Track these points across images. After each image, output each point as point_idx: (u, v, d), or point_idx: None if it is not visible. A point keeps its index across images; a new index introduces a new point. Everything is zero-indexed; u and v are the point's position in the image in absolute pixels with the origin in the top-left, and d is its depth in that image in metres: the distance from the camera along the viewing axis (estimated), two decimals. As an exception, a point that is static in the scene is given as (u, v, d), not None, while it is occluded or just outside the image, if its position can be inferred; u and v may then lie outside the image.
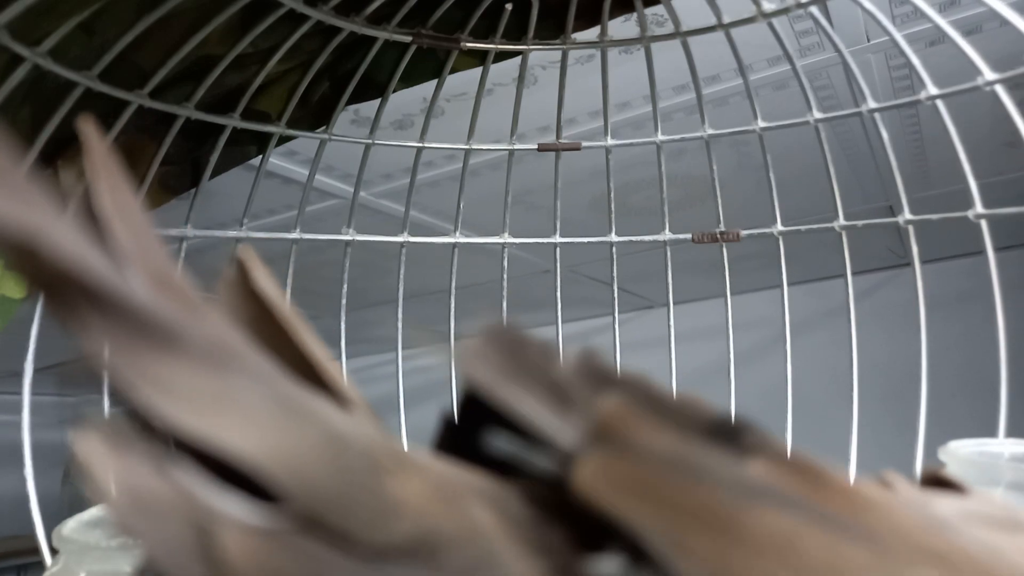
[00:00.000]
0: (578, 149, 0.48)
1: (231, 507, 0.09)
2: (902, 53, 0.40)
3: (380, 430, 0.10)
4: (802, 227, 0.45)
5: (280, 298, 0.12)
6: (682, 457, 0.10)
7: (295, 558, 0.08)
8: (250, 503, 0.09)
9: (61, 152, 0.38)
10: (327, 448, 0.09)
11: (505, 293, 0.48)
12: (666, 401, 0.11)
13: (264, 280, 0.12)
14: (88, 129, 0.10)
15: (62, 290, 0.09)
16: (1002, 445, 0.31)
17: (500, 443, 0.11)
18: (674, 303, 0.48)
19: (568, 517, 0.10)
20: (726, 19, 0.43)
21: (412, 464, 0.10)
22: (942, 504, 0.13)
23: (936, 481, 0.16)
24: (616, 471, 0.10)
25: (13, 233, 0.08)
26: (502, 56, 0.46)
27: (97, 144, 0.10)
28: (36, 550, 0.34)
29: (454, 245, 0.48)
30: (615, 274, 0.48)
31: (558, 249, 0.48)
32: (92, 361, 0.09)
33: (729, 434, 0.11)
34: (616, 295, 0.48)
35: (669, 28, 0.45)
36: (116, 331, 0.09)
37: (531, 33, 0.45)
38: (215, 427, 0.09)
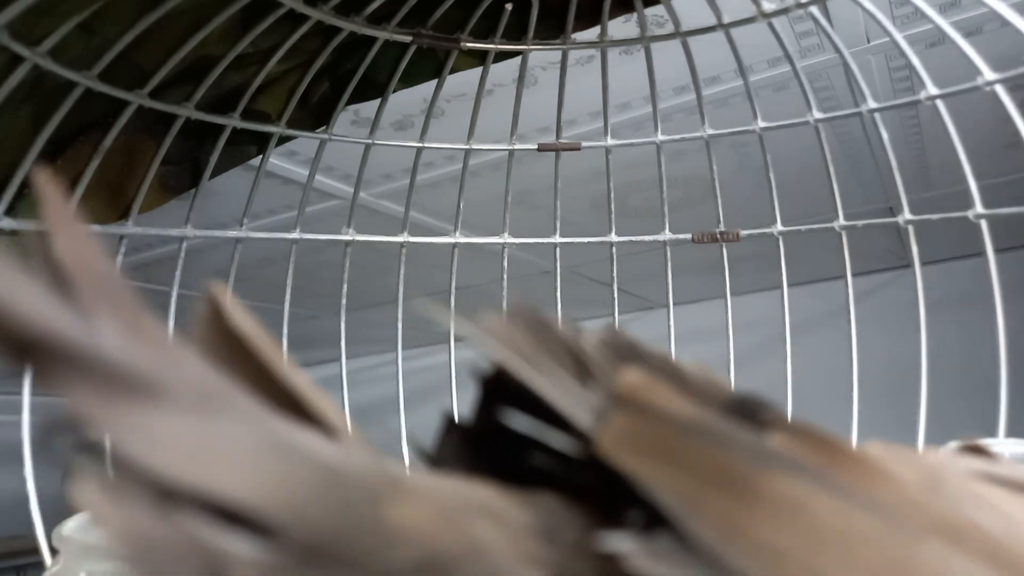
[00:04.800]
0: (578, 149, 0.48)
1: (235, 545, 0.09)
2: (902, 54, 0.40)
3: (373, 456, 0.10)
4: (802, 227, 0.45)
5: (258, 332, 0.12)
6: (701, 423, 0.10)
7: None
8: (251, 539, 0.09)
9: (61, 152, 0.38)
10: (321, 483, 0.09)
11: (505, 294, 0.48)
12: (687, 378, 0.12)
13: (238, 315, 0.12)
14: (41, 179, 0.10)
15: (34, 356, 0.09)
16: (1002, 445, 0.31)
17: (518, 422, 0.11)
18: (674, 304, 0.48)
19: (574, 515, 0.10)
20: (726, 19, 0.43)
21: (409, 488, 0.10)
22: (968, 463, 0.14)
23: (972, 450, 0.16)
24: (636, 433, 0.10)
25: None
26: (502, 56, 0.46)
27: (53, 194, 0.10)
28: (36, 550, 0.34)
29: (454, 245, 0.47)
30: (615, 274, 0.48)
31: (558, 249, 0.48)
32: (75, 421, 0.09)
33: (747, 411, 0.11)
34: (616, 296, 0.48)
35: (669, 28, 0.45)
36: (94, 388, 0.09)
37: (531, 33, 0.45)
38: (205, 474, 0.09)
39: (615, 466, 0.10)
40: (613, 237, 0.48)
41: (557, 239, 0.48)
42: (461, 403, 0.46)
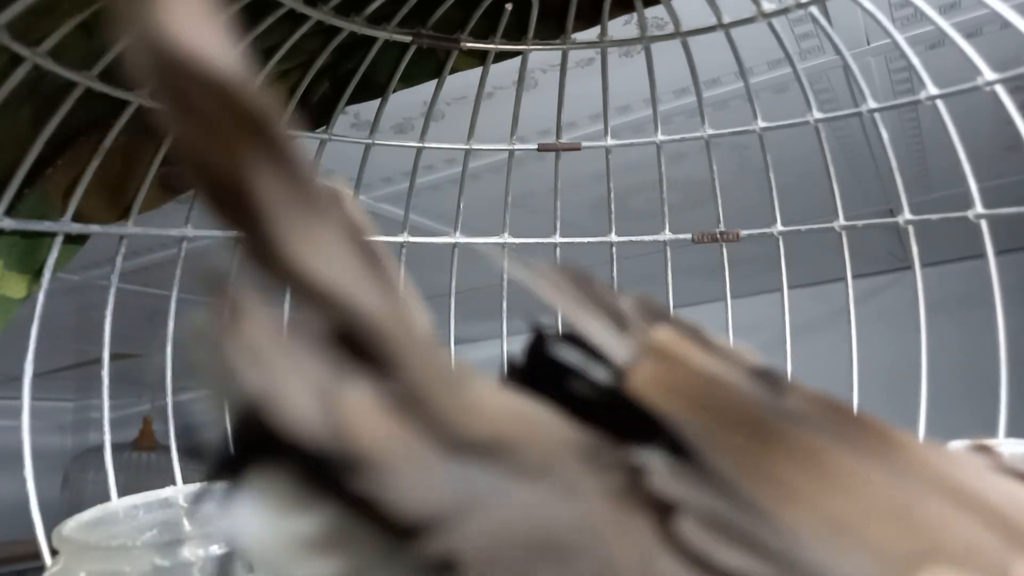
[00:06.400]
0: (578, 149, 0.48)
1: (344, 377, 0.10)
2: (903, 55, 0.40)
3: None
4: (802, 227, 0.45)
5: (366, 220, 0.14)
6: (726, 375, 0.12)
7: (401, 429, 0.09)
8: (359, 377, 0.10)
9: (61, 152, 0.38)
10: (423, 346, 0.10)
11: (505, 295, 0.48)
12: (715, 344, 0.13)
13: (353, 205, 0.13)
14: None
15: (248, 138, 0.10)
16: (1002, 445, 0.31)
17: (566, 354, 0.12)
18: (675, 306, 0.48)
19: (613, 437, 0.11)
20: (726, 19, 0.43)
21: (486, 383, 0.11)
22: (977, 457, 0.14)
23: (978, 449, 0.16)
24: (666, 376, 0.11)
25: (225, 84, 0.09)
26: (502, 56, 0.46)
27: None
28: (36, 555, 0.34)
29: (454, 245, 0.47)
30: (615, 275, 0.48)
31: (558, 249, 0.48)
32: (253, 209, 0.10)
33: (770, 378, 0.12)
34: (616, 296, 0.48)
35: (669, 29, 0.45)
36: (280, 194, 0.10)
37: (531, 33, 0.45)
38: (352, 288, 0.10)
39: (643, 402, 0.11)
40: (613, 237, 0.48)
41: (557, 239, 0.48)
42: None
